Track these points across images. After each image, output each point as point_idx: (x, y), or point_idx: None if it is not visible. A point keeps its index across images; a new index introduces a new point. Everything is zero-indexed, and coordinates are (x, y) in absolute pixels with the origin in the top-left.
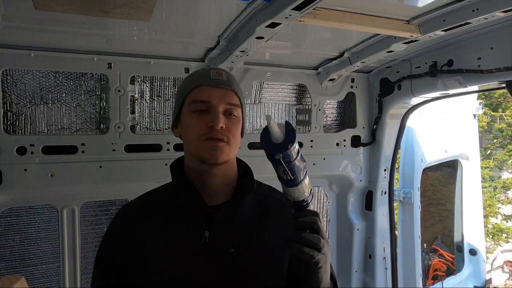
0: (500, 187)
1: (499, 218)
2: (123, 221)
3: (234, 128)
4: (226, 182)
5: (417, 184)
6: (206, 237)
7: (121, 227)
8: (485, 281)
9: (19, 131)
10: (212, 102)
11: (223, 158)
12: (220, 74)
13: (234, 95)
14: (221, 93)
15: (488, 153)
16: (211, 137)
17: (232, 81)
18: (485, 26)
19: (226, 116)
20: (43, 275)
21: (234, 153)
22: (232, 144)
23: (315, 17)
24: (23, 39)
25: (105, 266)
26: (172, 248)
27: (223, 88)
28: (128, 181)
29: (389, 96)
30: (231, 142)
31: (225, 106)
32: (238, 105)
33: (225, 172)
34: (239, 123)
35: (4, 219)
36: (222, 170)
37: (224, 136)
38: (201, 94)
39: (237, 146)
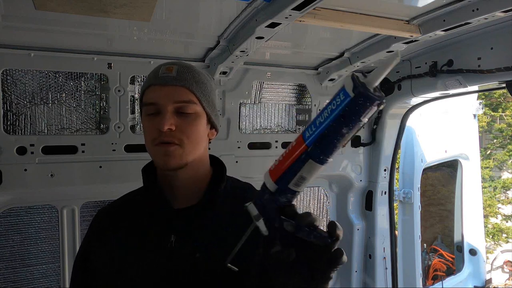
0: (500, 187)
1: (499, 218)
2: (97, 224)
3: (189, 127)
4: (195, 183)
5: (417, 184)
6: (173, 242)
7: (95, 229)
8: (485, 281)
9: (19, 131)
10: (160, 103)
11: (176, 162)
12: (170, 69)
13: (186, 90)
14: (169, 91)
15: (488, 153)
16: (161, 141)
17: (184, 75)
18: (485, 26)
19: (179, 116)
20: (43, 275)
21: (196, 154)
22: (187, 145)
23: (315, 17)
24: (23, 39)
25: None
26: (140, 252)
27: (171, 85)
28: (128, 181)
29: (389, 96)
30: (184, 143)
31: (174, 105)
32: (192, 100)
33: (192, 173)
34: (197, 120)
35: (4, 219)
36: (187, 173)
37: (174, 138)
38: (150, 95)
39: (197, 145)
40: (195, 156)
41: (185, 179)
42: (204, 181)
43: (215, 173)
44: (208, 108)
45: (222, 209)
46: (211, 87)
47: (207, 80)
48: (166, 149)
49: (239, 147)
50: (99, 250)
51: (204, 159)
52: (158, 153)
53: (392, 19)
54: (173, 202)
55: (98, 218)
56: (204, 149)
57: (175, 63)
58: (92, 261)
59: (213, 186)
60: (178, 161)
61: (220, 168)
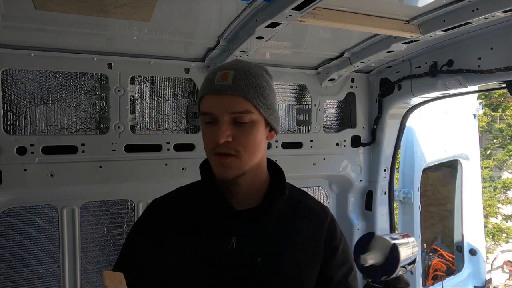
0: (500, 187)
1: (499, 218)
2: (153, 214)
3: (246, 137)
4: (254, 188)
5: (417, 184)
6: (233, 244)
7: (150, 219)
8: (485, 281)
9: (19, 131)
10: (215, 114)
11: (233, 173)
12: (225, 77)
13: (242, 99)
14: (224, 102)
15: (488, 153)
16: (217, 152)
17: (239, 82)
18: (485, 26)
19: (235, 125)
20: (43, 275)
21: (253, 162)
22: (244, 155)
23: (315, 17)
24: (23, 39)
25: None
26: (198, 251)
27: (226, 94)
28: (128, 181)
29: (389, 96)
30: (241, 154)
31: (230, 115)
32: (248, 110)
33: (250, 179)
34: (254, 128)
35: (4, 219)
36: (245, 179)
37: (231, 149)
38: (206, 105)
39: (254, 153)
40: (252, 164)
41: (243, 185)
42: (263, 184)
43: (272, 176)
44: (266, 113)
45: (280, 214)
46: (270, 88)
47: (266, 82)
48: (223, 161)
49: None
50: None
51: (263, 163)
52: (216, 163)
53: (392, 19)
54: (232, 203)
55: (155, 210)
56: (263, 154)
57: (231, 67)
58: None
59: (272, 190)
60: (235, 172)
61: (278, 173)
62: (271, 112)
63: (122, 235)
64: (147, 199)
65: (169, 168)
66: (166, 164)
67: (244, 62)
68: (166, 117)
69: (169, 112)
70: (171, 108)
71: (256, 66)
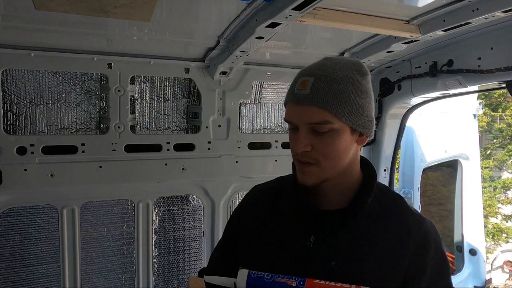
0: (500, 187)
1: (499, 218)
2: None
3: (326, 146)
4: (340, 191)
5: (417, 184)
6: (311, 243)
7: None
8: (485, 281)
9: (19, 131)
10: (294, 123)
11: (313, 181)
12: (304, 85)
13: (320, 110)
14: (302, 112)
15: (488, 153)
16: (298, 159)
17: (317, 91)
18: (485, 26)
19: (315, 135)
20: (43, 275)
21: (336, 169)
22: (325, 164)
23: (315, 17)
24: (23, 39)
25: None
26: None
27: (303, 105)
28: (128, 181)
29: (389, 96)
30: (321, 163)
31: (308, 125)
32: (326, 120)
33: (334, 184)
34: (334, 138)
35: (4, 219)
36: (328, 185)
37: (311, 159)
38: (288, 112)
39: (337, 161)
40: (335, 171)
41: (327, 188)
42: (351, 187)
43: (364, 179)
44: (350, 120)
45: (366, 219)
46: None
47: (352, 86)
48: (304, 168)
49: (239, 147)
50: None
51: (352, 168)
52: (298, 169)
53: (392, 19)
54: (318, 202)
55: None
56: (351, 159)
57: (312, 73)
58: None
59: (361, 196)
60: (315, 180)
61: (370, 176)
62: (358, 117)
63: (122, 235)
64: (147, 199)
65: (169, 168)
66: (166, 164)
67: (330, 63)
68: (166, 117)
69: (169, 112)
70: (171, 108)
71: (344, 67)
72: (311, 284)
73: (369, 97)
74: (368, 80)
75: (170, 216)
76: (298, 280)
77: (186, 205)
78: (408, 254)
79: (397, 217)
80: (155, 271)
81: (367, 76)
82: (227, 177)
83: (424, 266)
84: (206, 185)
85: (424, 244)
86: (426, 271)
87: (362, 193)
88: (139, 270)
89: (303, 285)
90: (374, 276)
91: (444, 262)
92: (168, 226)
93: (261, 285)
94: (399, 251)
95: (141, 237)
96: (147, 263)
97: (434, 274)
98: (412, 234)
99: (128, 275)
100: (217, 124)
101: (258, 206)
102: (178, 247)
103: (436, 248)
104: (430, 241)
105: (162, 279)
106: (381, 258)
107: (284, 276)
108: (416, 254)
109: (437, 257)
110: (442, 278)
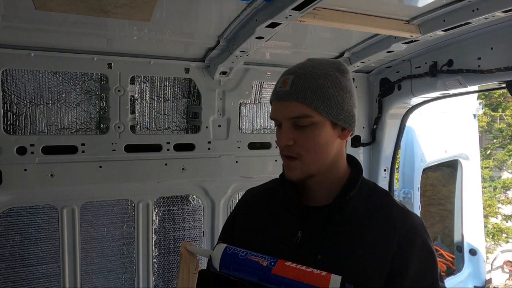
0: (500, 187)
1: (499, 218)
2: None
3: (308, 140)
4: (326, 186)
5: (417, 184)
6: (299, 237)
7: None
8: (485, 281)
9: (19, 131)
10: (278, 119)
11: (297, 175)
12: (285, 83)
13: (299, 104)
14: (283, 108)
15: (488, 153)
16: (283, 154)
17: (297, 88)
18: (485, 26)
19: (297, 129)
20: (43, 275)
21: (320, 163)
22: (307, 158)
23: (315, 17)
24: (23, 39)
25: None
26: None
27: (285, 101)
28: (128, 181)
29: (389, 96)
30: (304, 157)
31: (290, 120)
32: (305, 114)
33: (321, 179)
34: (315, 131)
35: (4, 219)
36: (315, 180)
37: (293, 153)
38: (272, 110)
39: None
40: (319, 165)
41: (314, 184)
42: (337, 183)
43: (351, 176)
44: (330, 114)
45: (352, 214)
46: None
47: (331, 82)
48: (288, 163)
49: (239, 147)
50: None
51: (337, 162)
52: (284, 164)
53: (392, 19)
54: (306, 198)
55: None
56: (335, 155)
57: (293, 71)
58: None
59: (345, 191)
60: (298, 174)
61: (357, 172)
62: (338, 111)
63: (122, 235)
64: (147, 199)
65: (169, 168)
66: (166, 164)
67: (310, 63)
68: (166, 117)
69: (169, 112)
70: (171, 108)
71: (323, 66)
72: (282, 265)
73: (349, 93)
74: (348, 77)
75: (170, 216)
76: (270, 260)
77: (186, 205)
78: (393, 249)
79: (383, 212)
80: (155, 271)
81: (347, 74)
82: (227, 177)
83: (408, 262)
84: (206, 185)
85: (408, 239)
86: (409, 268)
87: (347, 189)
88: (139, 270)
89: (274, 265)
90: (359, 271)
91: (430, 261)
92: (168, 226)
93: (234, 260)
94: (383, 246)
95: (141, 237)
96: (147, 263)
97: (419, 271)
98: (397, 229)
99: (128, 275)
100: (217, 124)
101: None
102: (178, 247)
103: (422, 245)
104: (415, 236)
105: (162, 279)
106: (366, 253)
107: (258, 255)
108: (400, 249)
109: (423, 254)
110: (427, 277)
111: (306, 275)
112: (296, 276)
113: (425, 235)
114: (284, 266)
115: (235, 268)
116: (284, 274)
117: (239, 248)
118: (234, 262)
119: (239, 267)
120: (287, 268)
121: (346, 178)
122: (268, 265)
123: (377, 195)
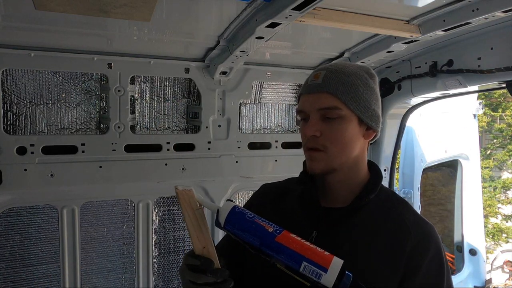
0: (500, 187)
1: (499, 218)
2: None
3: (334, 132)
4: (346, 187)
5: (417, 184)
6: (313, 238)
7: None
8: (485, 281)
9: (19, 131)
10: (306, 111)
11: (320, 168)
12: (317, 76)
13: (330, 96)
14: (313, 99)
15: (488, 153)
16: (308, 146)
17: (329, 80)
18: (485, 26)
19: (325, 121)
20: (43, 275)
21: (343, 158)
22: (332, 151)
23: (315, 17)
24: (23, 39)
25: None
26: None
27: (315, 93)
28: (128, 181)
29: (389, 96)
30: (328, 149)
31: (318, 111)
32: (335, 106)
33: (342, 177)
34: (342, 124)
35: (4, 219)
36: (335, 177)
37: (319, 144)
38: (300, 103)
39: (344, 150)
40: (342, 160)
41: (334, 183)
42: (357, 185)
43: (370, 180)
44: (358, 110)
45: (368, 219)
46: (366, 87)
47: (361, 81)
48: (311, 154)
49: (239, 147)
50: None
51: (359, 163)
52: (307, 157)
53: (392, 19)
54: (323, 199)
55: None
56: (358, 152)
57: (324, 67)
58: None
59: (364, 194)
60: (322, 167)
61: (376, 176)
62: (365, 110)
63: (122, 235)
64: (147, 199)
65: (169, 168)
66: (166, 164)
67: (342, 63)
68: (166, 117)
69: (169, 112)
70: (171, 108)
71: (354, 66)
72: (286, 235)
73: (376, 95)
74: (376, 81)
75: (170, 216)
76: (276, 228)
77: None
78: (406, 253)
79: (399, 218)
80: (155, 271)
81: (375, 78)
82: (227, 177)
83: (419, 268)
84: (206, 185)
85: (423, 246)
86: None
87: (366, 192)
88: (139, 270)
89: (279, 234)
90: (372, 273)
91: (441, 270)
92: (168, 226)
93: (241, 219)
94: (397, 250)
95: (141, 237)
96: (147, 263)
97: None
98: (412, 234)
99: (128, 275)
100: (217, 124)
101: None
102: (178, 247)
103: (435, 253)
104: (430, 244)
105: (162, 279)
106: (379, 256)
107: (265, 220)
108: (414, 254)
109: (434, 263)
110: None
111: (309, 250)
112: (299, 249)
113: (439, 246)
114: (289, 237)
115: (239, 227)
116: (287, 244)
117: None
118: (241, 221)
119: (244, 227)
120: (292, 239)
121: (365, 182)
122: (273, 232)
123: (394, 202)
